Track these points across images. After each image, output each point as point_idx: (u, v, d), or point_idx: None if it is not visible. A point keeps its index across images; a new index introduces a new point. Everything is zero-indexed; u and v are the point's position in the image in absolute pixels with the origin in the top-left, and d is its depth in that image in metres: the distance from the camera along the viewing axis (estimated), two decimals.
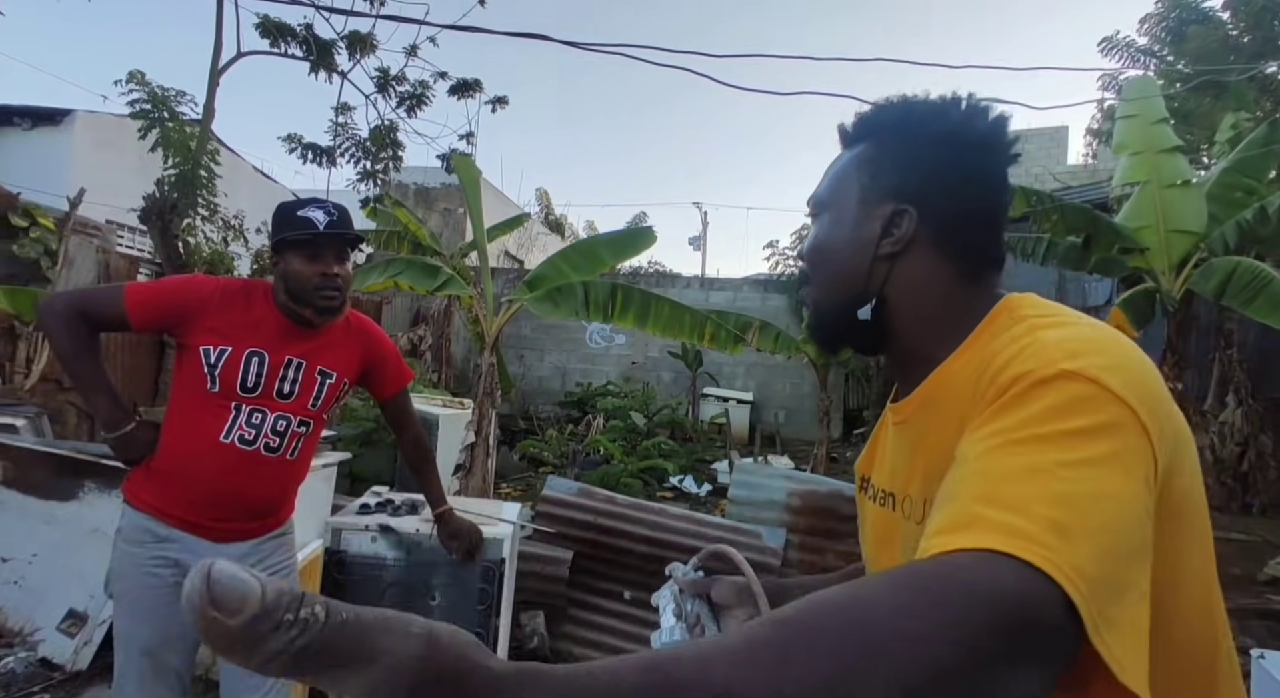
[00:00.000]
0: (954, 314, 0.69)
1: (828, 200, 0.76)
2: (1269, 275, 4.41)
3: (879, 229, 0.70)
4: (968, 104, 0.71)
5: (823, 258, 0.76)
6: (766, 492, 3.44)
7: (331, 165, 7.84)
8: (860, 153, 0.74)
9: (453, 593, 1.92)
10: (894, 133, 0.72)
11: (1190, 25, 9.16)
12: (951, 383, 0.65)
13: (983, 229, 0.70)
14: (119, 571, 1.56)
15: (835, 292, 0.74)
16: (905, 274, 0.71)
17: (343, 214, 1.62)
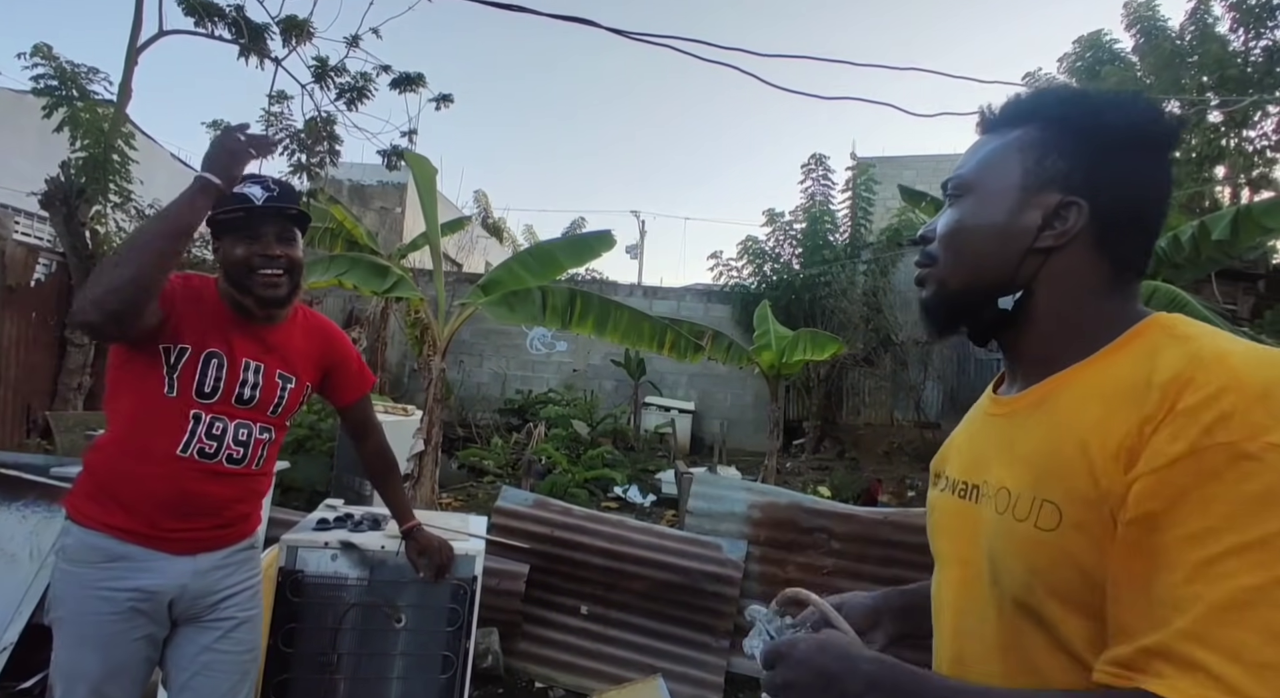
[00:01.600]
0: (1098, 320, 0.66)
1: (975, 182, 0.72)
2: (1185, 299, 4.74)
3: (1040, 219, 0.67)
4: (1147, 102, 0.68)
5: (965, 241, 0.72)
6: (726, 503, 3.41)
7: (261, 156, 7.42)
8: (1022, 136, 0.70)
9: (421, 614, 1.79)
10: (1066, 120, 0.68)
11: (1104, 66, 9.87)
12: (1079, 392, 0.63)
13: (1144, 234, 0.68)
14: (62, 595, 1.37)
15: (976, 277, 0.71)
16: (1059, 270, 0.67)
17: (284, 190, 1.46)
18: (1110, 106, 0.67)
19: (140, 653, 1.40)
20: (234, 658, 1.48)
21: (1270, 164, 8.69)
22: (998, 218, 0.69)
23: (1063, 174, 0.67)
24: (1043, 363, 0.69)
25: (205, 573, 1.45)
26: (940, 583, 0.77)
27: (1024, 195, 0.68)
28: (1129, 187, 0.66)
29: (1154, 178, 0.67)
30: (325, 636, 1.72)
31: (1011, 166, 0.69)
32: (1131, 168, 0.66)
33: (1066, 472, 0.59)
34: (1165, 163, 0.68)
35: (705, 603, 3.14)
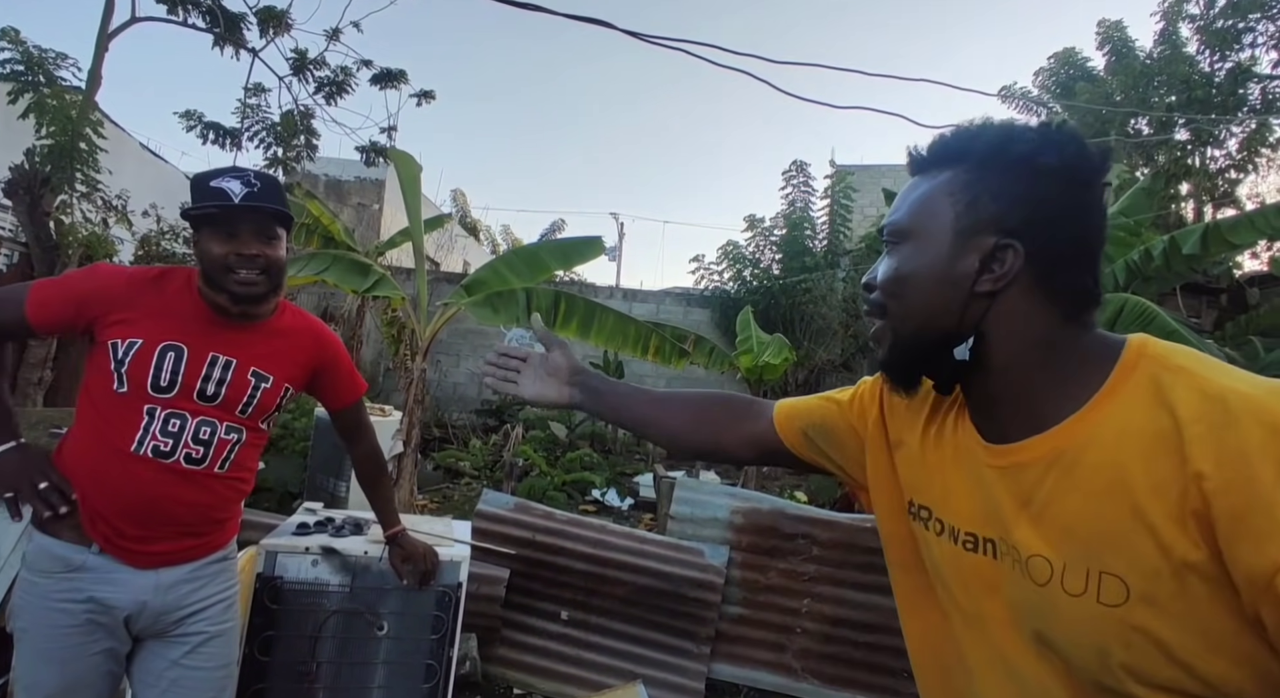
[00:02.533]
0: (1064, 357, 0.65)
1: (911, 229, 0.70)
2: (1154, 312, 4.85)
3: (977, 263, 0.65)
4: (1074, 137, 0.66)
5: (908, 290, 0.70)
6: (709, 509, 3.40)
7: (237, 148, 7.26)
8: (952, 179, 0.68)
9: (404, 622, 1.74)
10: (994, 160, 0.67)
11: (1078, 82, 10.10)
12: (1106, 449, 0.59)
13: (1088, 267, 0.66)
14: (22, 605, 1.31)
15: (923, 327, 0.69)
16: (1005, 313, 0.66)
17: (267, 185, 1.38)
18: (1038, 145, 0.65)
19: (100, 667, 1.33)
20: (205, 674, 1.41)
21: (1233, 183, 8.98)
22: (936, 265, 0.68)
23: (995, 216, 0.65)
24: (1025, 408, 0.66)
25: (169, 589, 1.37)
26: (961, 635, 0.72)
27: (958, 240, 0.67)
28: (1063, 222, 0.65)
29: (1087, 211, 0.66)
30: (304, 644, 1.67)
31: (943, 211, 0.68)
32: (1063, 204, 0.65)
33: (1127, 543, 0.56)
34: (1097, 195, 0.66)
35: (687, 609, 3.12)
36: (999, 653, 0.68)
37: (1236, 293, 8.56)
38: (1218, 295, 8.78)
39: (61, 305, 1.34)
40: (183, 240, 7.78)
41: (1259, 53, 8.25)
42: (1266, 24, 7.95)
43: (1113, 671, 0.57)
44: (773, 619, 3.21)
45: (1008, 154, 0.66)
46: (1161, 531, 0.54)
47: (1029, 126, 0.68)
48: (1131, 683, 0.56)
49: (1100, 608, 0.57)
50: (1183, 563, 0.53)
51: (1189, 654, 0.54)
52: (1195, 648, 0.53)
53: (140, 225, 7.69)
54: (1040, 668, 0.63)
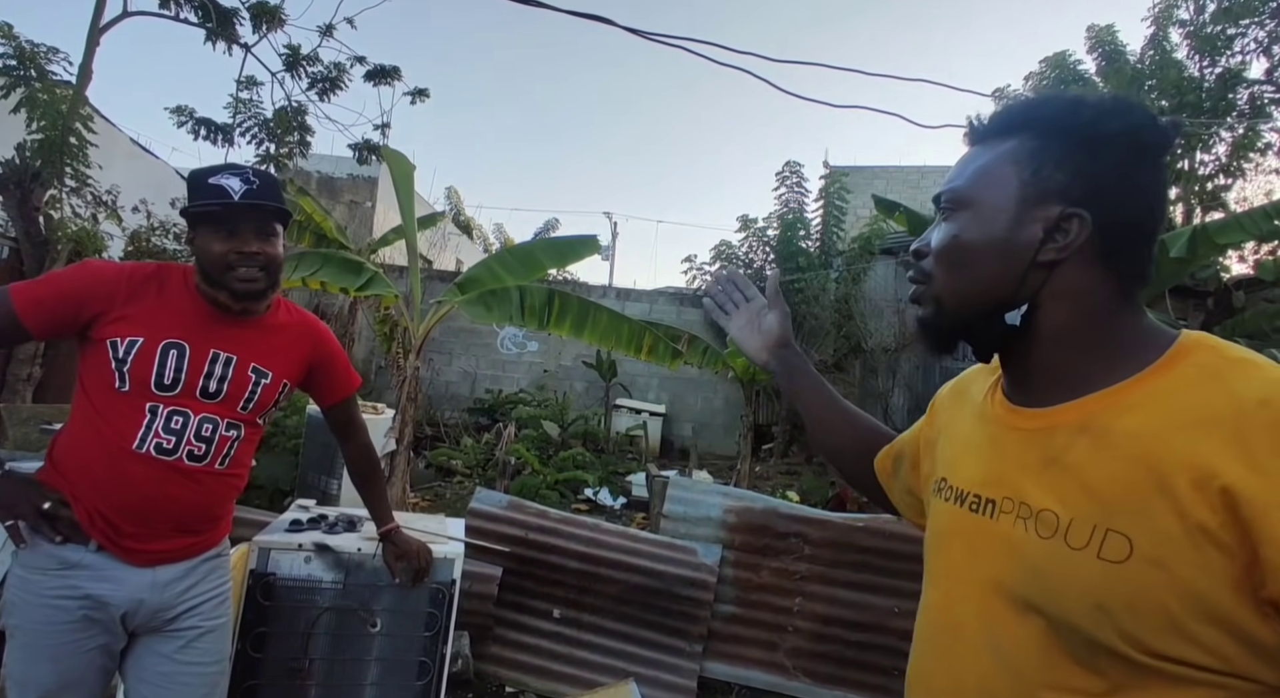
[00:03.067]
0: (1116, 333, 0.65)
1: (970, 196, 0.70)
2: None
3: (1041, 233, 0.65)
4: (1142, 107, 0.67)
5: (964, 257, 0.70)
6: (702, 508, 3.41)
7: (229, 144, 7.21)
8: (1016, 147, 0.68)
9: (397, 619, 1.74)
10: (1061, 129, 0.67)
11: (1069, 86, 10.16)
12: (1146, 418, 0.60)
13: (1146, 242, 0.67)
14: (16, 602, 1.30)
15: (977, 294, 0.70)
16: (1064, 283, 0.66)
17: (265, 183, 1.40)
18: (1106, 114, 0.66)
19: (95, 663, 1.33)
20: (199, 669, 1.41)
21: (1222, 188, 9.06)
22: (997, 233, 0.68)
23: (1062, 185, 0.65)
24: (1065, 377, 0.67)
25: (165, 586, 1.37)
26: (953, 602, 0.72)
27: (1023, 208, 0.67)
28: (1129, 195, 0.65)
29: (1152, 185, 0.66)
30: (297, 640, 1.67)
31: (1008, 179, 0.68)
32: (1130, 176, 0.65)
33: (1145, 505, 0.57)
34: (1161, 168, 0.67)
35: (679, 607, 3.13)
36: (970, 615, 0.69)
37: (1224, 296, 8.64)
38: (1205, 299, 8.86)
39: (59, 304, 1.32)
40: (173, 236, 7.73)
41: (1248, 58, 8.33)
42: (1256, 29, 8.03)
43: (1107, 631, 0.57)
44: (765, 618, 3.22)
45: (1073, 122, 0.66)
46: (1183, 498, 0.54)
47: (1094, 97, 0.68)
48: (1124, 645, 0.57)
49: (1099, 563, 0.58)
50: (1197, 527, 0.54)
51: (1189, 619, 0.54)
52: (1194, 614, 0.54)
53: (130, 221, 7.63)
54: (1019, 632, 0.63)
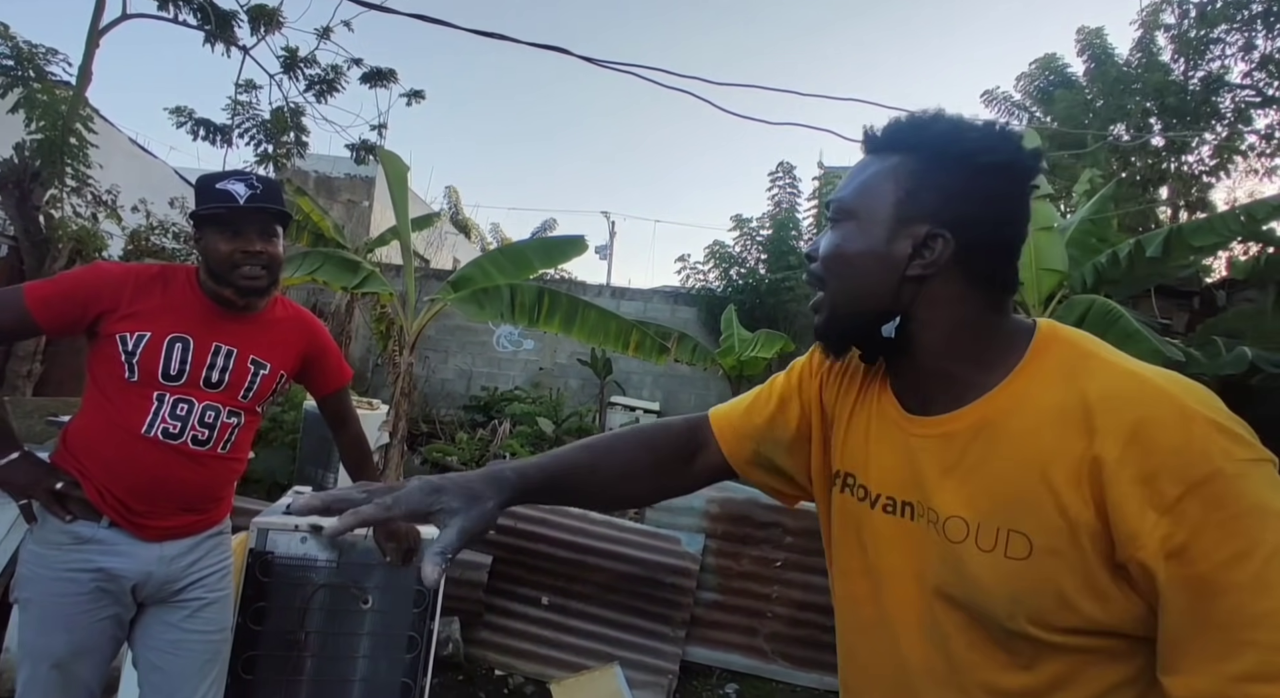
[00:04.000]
0: (986, 339, 0.71)
1: (855, 208, 0.75)
2: (1119, 312, 5.02)
3: (910, 249, 0.70)
4: (1013, 137, 0.71)
5: (845, 268, 0.75)
6: (686, 499, 3.53)
7: (227, 145, 7.31)
8: (898, 166, 0.72)
9: (387, 596, 1.86)
10: (940, 153, 0.71)
11: (1058, 88, 10.31)
12: (1025, 418, 0.66)
13: (1008, 259, 0.72)
14: (30, 576, 1.41)
15: (857, 303, 0.74)
16: (932, 297, 0.71)
17: (268, 187, 1.52)
18: (983, 144, 0.70)
19: (106, 633, 1.44)
20: (203, 637, 1.53)
21: (1206, 189, 9.20)
22: (873, 246, 0.72)
23: (932, 207, 0.70)
24: (950, 386, 0.72)
25: (172, 560, 1.49)
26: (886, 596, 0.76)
27: (896, 225, 0.71)
28: (995, 218, 0.70)
29: (1015, 210, 0.71)
30: (293, 615, 1.79)
31: (886, 195, 0.72)
32: (997, 201, 0.70)
33: (1033, 503, 0.62)
34: (1025, 194, 0.71)
35: (663, 595, 3.25)
36: (907, 609, 0.74)
37: (1207, 296, 8.78)
38: (1190, 298, 9.00)
39: (66, 304, 1.44)
40: (172, 235, 7.82)
41: (1229, 62, 8.47)
42: (1236, 35, 8.16)
43: (1017, 617, 0.63)
44: (745, 604, 3.34)
45: (953, 149, 0.70)
46: (1062, 493, 0.61)
47: (975, 125, 0.72)
48: (1030, 626, 0.63)
49: (1007, 562, 0.64)
50: (1077, 521, 0.60)
51: (1080, 598, 0.61)
52: (1084, 593, 0.61)
53: (129, 220, 7.73)
54: (948, 622, 0.70)
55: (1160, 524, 0.56)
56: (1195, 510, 0.55)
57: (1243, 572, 0.53)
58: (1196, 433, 0.57)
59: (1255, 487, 0.55)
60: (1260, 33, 7.99)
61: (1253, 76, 8.30)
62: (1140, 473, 0.57)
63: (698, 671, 3.24)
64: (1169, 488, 0.56)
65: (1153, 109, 8.62)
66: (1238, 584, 0.54)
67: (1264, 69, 8.07)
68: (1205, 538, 0.55)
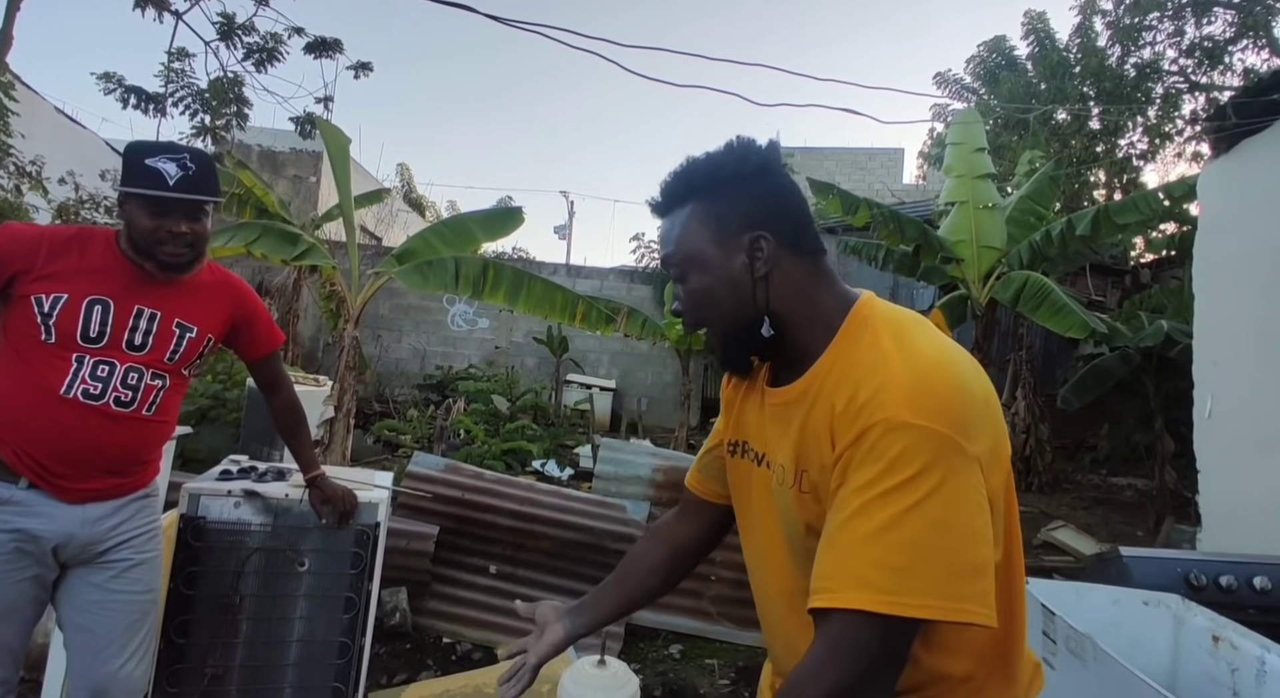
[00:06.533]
0: (822, 309, 0.85)
1: (687, 257, 0.87)
2: (1050, 288, 5.25)
3: (745, 258, 0.84)
4: (751, 146, 0.86)
5: (711, 303, 0.88)
6: (632, 468, 3.60)
7: (161, 115, 7.00)
8: (693, 210, 0.87)
9: (324, 558, 1.88)
10: (715, 183, 0.86)
11: (1003, 71, 10.58)
12: (822, 382, 0.81)
13: (809, 227, 0.87)
14: None
15: (733, 324, 0.87)
16: (780, 285, 0.85)
17: (201, 168, 1.48)
18: (736, 161, 0.85)
19: (28, 594, 1.43)
20: (129, 597, 1.52)
21: (1137, 171, 9.61)
22: (717, 273, 0.85)
23: (740, 220, 0.84)
24: (800, 359, 0.85)
25: (95, 522, 1.48)
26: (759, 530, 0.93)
27: (723, 249, 0.84)
28: (784, 204, 0.85)
29: (792, 189, 0.87)
30: (227, 579, 1.79)
31: (701, 234, 0.86)
32: (779, 192, 0.86)
33: (815, 448, 0.79)
34: (786, 177, 0.87)
35: (610, 561, 3.32)
36: (768, 542, 0.91)
37: (1138, 274, 9.23)
38: (1122, 276, 9.44)
39: None
40: (104, 210, 7.49)
41: (1160, 49, 8.82)
42: (1168, 23, 8.49)
43: (804, 535, 0.82)
44: None
45: (721, 176, 0.85)
46: (822, 439, 0.78)
47: (719, 153, 0.87)
48: (811, 539, 0.80)
49: (800, 494, 0.82)
50: (828, 459, 0.77)
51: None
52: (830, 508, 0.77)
53: (57, 193, 7.37)
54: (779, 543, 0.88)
55: (844, 454, 0.74)
56: (862, 447, 0.72)
57: (859, 497, 0.70)
58: (889, 393, 0.72)
59: (900, 441, 0.70)
60: (1189, 21, 8.33)
61: (1179, 63, 8.66)
62: (848, 420, 0.74)
63: (644, 633, 3.33)
64: (855, 429, 0.73)
65: (1090, 93, 8.93)
66: (852, 505, 0.71)
67: (1192, 56, 8.42)
68: (855, 468, 0.72)
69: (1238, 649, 1.74)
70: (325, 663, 1.87)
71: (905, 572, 0.67)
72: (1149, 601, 2.01)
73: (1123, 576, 2.38)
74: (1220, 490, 3.79)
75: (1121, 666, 1.52)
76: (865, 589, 0.67)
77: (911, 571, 0.67)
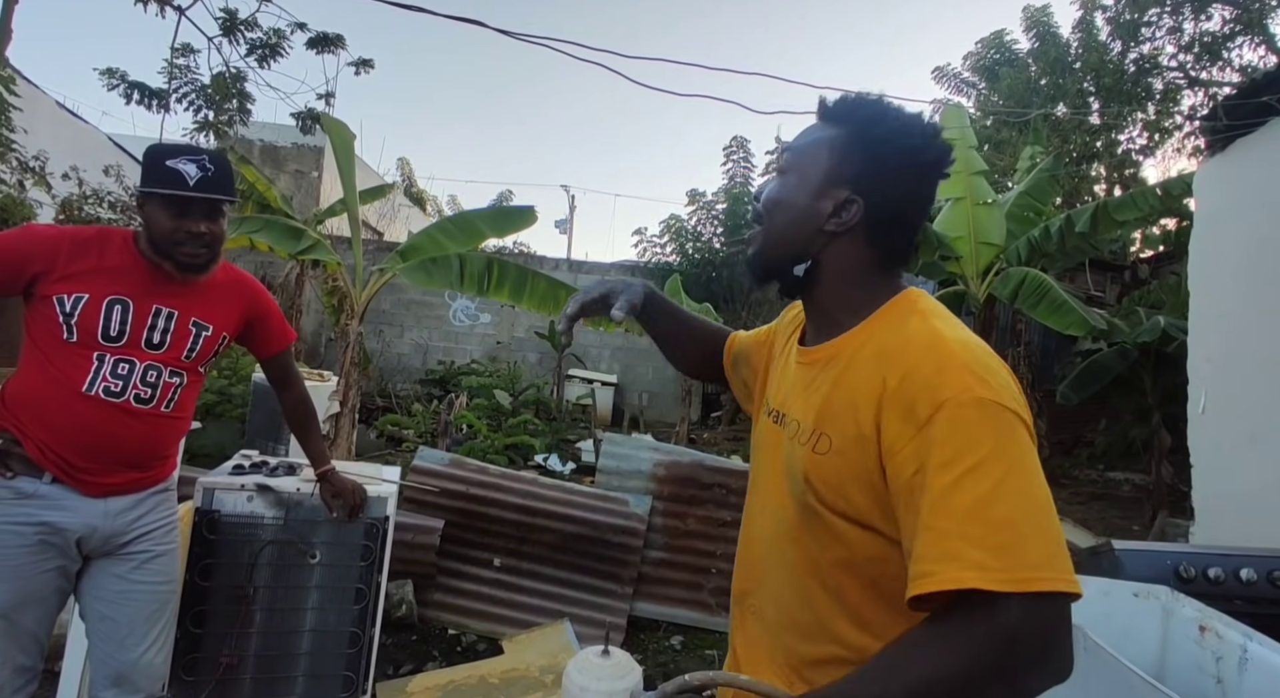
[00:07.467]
0: (865, 293, 0.86)
1: (796, 164, 0.89)
2: (1049, 285, 5.28)
3: (830, 209, 0.84)
4: (929, 128, 0.85)
5: (779, 212, 0.89)
6: (634, 462, 3.65)
7: (165, 110, 7.02)
8: (835, 137, 0.86)
9: (335, 551, 1.93)
10: (865, 132, 0.84)
11: (1003, 67, 10.57)
12: (854, 352, 0.82)
13: (907, 233, 0.87)
14: None
15: (780, 245, 0.89)
16: (839, 250, 0.86)
17: (219, 169, 1.53)
18: (897, 131, 0.83)
19: (51, 584, 1.48)
20: (150, 588, 1.57)
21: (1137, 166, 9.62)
22: (802, 200, 0.86)
23: (851, 176, 0.83)
24: (829, 322, 0.88)
25: (116, 515, 1.52)
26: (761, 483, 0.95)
27: (823, 187, 0.85)
28: (897, 196, 0.84)
29: (918, 191, 0.85)
30: (241, 570, 1.84)
31: (822, 161, 0.86)
32: (901, 182, 0.84)
33: (841, 415, 0.80)
34: (930, 180, 0.85)
35: (611, 553, 3.37)
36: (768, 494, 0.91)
37: (1138, 270, 9.25)
38: (1121, 272, 9.47)
39: (2, 265, 1.45)
40: (107, 205, 7.52)
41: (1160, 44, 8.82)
42: (1167, 19, 8.50)
43: (807, 494, 0.82)
44: (691, 562, 3.49)
45: (874, 131, 0.84)
46: (860, 410, 0.77)
47: (899, 113, 0.85)
48: (812, 499, 0.82)
49: (814, 454, 0.82)
50: (863, 432, 0.76)
51: (852, 489, 0.78)
52: (857, 485, 0.77)
53: (60, 188, 7.40)
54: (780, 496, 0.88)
55: (914, 439, 0.71)
56: (936, 427, 0.70)
57: (945, 476, 0.68)
58: (948, 373, 0.72)
59: (978, 418, 0.69)
60: (1189, 17, 8.33)
61: (1179, 59, 8.67)
62: (905, 398, 0.73)
63: (645, 625, 3.38)
64: (922, 409, 0.71)
65: (1090, 88, 8.93)
66: (939, 485, 0.68)
67: (1190, 52, 8.43)
68: (935, 449, 0.69)
69: (1222, 639, 1.79)
70: (336, 652, 1.92)
71: (1010, 548, 0.64)
72: (1139, 592, 2.06)
73: (1115, 568, 2.43)
74: (1213, 485, 3.85)
75: (1111, 656, 1.57)
76: (974, 568, 0.64)
77: (1015, 547, 0.64)
